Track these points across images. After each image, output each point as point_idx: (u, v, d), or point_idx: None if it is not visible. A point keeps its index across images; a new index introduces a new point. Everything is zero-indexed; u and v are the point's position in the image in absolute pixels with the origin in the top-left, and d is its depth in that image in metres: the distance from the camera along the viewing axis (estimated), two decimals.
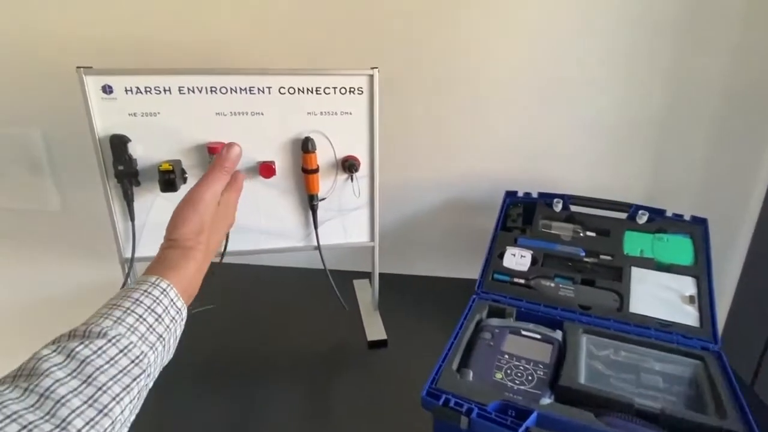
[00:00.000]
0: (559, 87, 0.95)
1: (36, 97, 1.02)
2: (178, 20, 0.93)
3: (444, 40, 0.92)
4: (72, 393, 0.34)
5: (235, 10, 0.92)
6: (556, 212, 0.91)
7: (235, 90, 0.72)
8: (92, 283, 1.19)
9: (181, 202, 0.58)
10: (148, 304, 0.44)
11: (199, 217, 0.56)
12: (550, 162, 1.00)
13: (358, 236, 0.85)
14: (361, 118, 0.77)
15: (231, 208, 0.66)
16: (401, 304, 0.95)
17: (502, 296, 0.79)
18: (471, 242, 1.07)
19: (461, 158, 1.01)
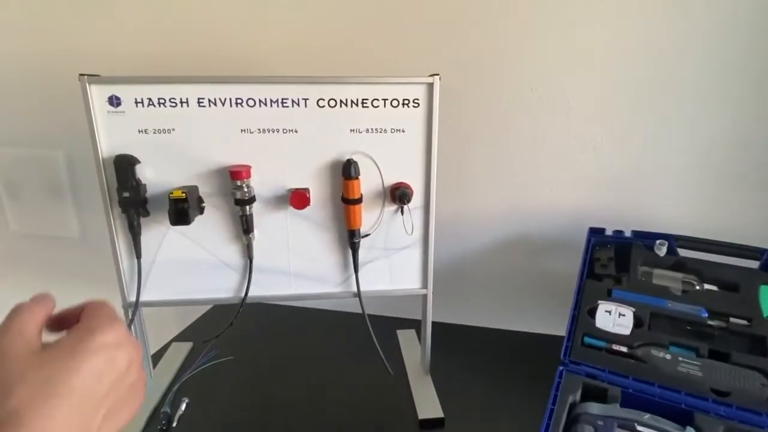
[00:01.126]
0: (659, 105, 0.77)
1: (61, 118, 0.95)
2: (207, 30, 0.83)
3: (517, 46, 0.77)
4: None
5: (262, 13, 0.81)
6: (659, 257, 0.71)
7: (264, 102, 0.59)
8: None
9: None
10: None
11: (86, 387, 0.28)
12: (644, 194, 0.82)
13: (407, 281, 0.69)
14: (416, 136, 0.63)
15: (142, 380, 0.34)
16: (457, 365, 0.77)
17: (598, 369, 0.60)
18: (541, 289, 0.89)
19: (531, 187, 0.84)
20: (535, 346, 0.81)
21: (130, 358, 0.31)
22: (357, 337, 0.72)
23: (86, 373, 0.28)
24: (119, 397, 0.31)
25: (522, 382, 0.72)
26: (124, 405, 0.32)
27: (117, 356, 0.30)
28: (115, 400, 0.30)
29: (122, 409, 0.32)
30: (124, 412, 0.32)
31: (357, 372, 0.76)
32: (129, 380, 0.32)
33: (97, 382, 0.29)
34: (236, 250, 0.65)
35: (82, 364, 0.28)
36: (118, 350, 0.30)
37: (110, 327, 0.31)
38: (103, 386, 0.29)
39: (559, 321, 0.81)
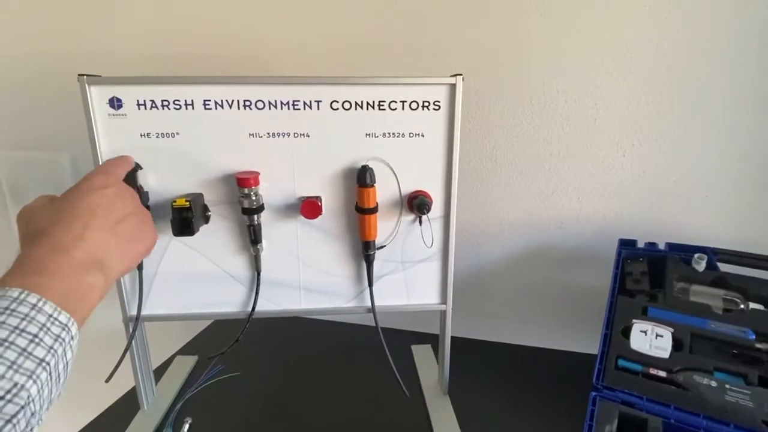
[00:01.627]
0: (695, 109, 0.72)
1: (66, 120, 0.92)
2: (214, 29, 0.79)
3: (543, 45, 0.73)
4: None
5: (272, 10, 0.77)
6: (697, 272, 0.66)
7: (274, 104, 0.55)
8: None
9: (47, 197, 0.43)
10: (14, 324, 0.32)
11: (94, 210, 0.41)
12: (679, 203, 0.76)
13: (424, 296, 0.65)
14: (437, 141, 0.58)
15: (145, 218, 0.48)
16: (476, 384, 0.72)
17: (635, 396, 0.55)
18: (566, 304, 0.84)
19: (555, 194, 0.79)
20: (561, 364, 0.76)
21: (120, 196, 0.44)
22: (370, 351, 0.67)
23: (86, 204, 0.40)
24: (128, 223, 0.43)
25: (548, 404, 0.67)
26: (134, 236, 0.44)
27: (106, 193, 0.42)
28: (124, 225, 0.42)
29: (134, 239, 0.44)
30: (137, 242, 0.45)
31: (370, 391, 0.71)
32: (128, 211, 0.44)
33: (97, 208, 0.40)
34: (243, 262, 0.61)
35: (80, 200, 0.40)
36: (106, 189, 0.43)
37: (98, 175, 0.44)
38: (103, 212, 0.41)
39: (586, 338, 0.76)
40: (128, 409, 0.65)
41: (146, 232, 0.47)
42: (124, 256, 0.42)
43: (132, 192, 0.46)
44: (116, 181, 0.45)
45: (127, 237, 0.42)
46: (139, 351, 0.63)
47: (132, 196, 0.46)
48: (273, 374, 0.76)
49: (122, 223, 0.42)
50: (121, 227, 0.42)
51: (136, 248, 0.44)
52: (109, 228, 0.41)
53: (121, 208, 0.43)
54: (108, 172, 0.46)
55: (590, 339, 0.74)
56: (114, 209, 0.42)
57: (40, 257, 0.36)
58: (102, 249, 0.39)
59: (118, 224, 0.42)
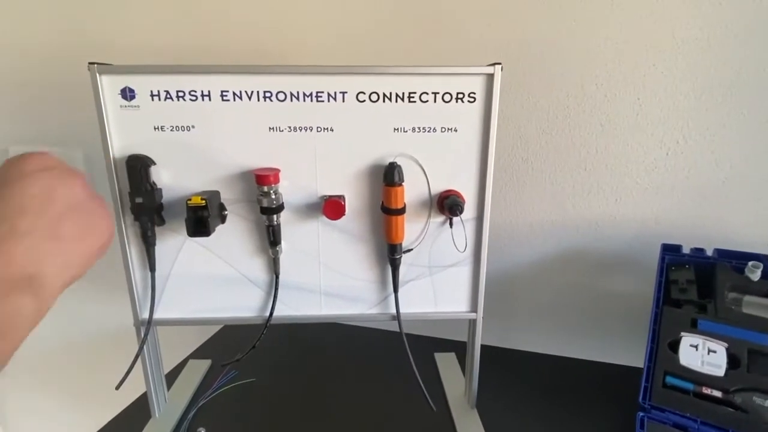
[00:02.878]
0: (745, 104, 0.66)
1: (81, 114, 0.90)
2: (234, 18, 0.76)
3: (582, 36, 0.68)
4: None
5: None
6: (751, 281, 0.61)
7: (296, 96, 0.51)
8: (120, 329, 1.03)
9: None
10: None
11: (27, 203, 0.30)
12: (727, 206, 0.70)
13: (453, 304, 0.61)
14: (471, 137, 0.54)
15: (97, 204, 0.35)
16: (505, 396, 0.68)
17: (689, 419, 0.50)
18: (604, 312, 0.79)
19: (593, 195, 0.74)
20: (599, 377, 0.71)
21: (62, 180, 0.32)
22: (392, 357, 0.64)
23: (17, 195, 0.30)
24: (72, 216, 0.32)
25: (586, 422, 0.62)
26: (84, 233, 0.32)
27: (43, 177, 0.31)
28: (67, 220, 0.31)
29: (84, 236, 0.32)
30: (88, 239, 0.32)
31: (392, 401, 0.67)
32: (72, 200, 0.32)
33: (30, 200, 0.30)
34: (261, 265, 0.57)
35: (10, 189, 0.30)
36: (44, 171, 0.31)
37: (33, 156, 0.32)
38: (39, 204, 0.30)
39: (626, 350, 0.72)
40: (139, 417, 0.62)
41: (101, 223, 0.34)
42: (70, 262, 0.32)
43: (78, 173, 0.35)
44: (56, 161, 0.34)
45: (74, 235, 0.32)
46: (150, 356, 0.60)
47: (78, 177, 0.34)
48: (289, 381, 0.72)
49: (66, 218, 0.32)
50: (64, 224, 0.31)
51: (87, 248, 0.33)
52: (47, 227, 0.30)
53: (64, 196, 0.32)
54: (44, 153, 0.34)
55: (631, 351, 0.70)
56: (54, 199, 0.31)
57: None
58: (33, 261, 0.29)
59: (60, 220, 0.31)
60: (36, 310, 0.29)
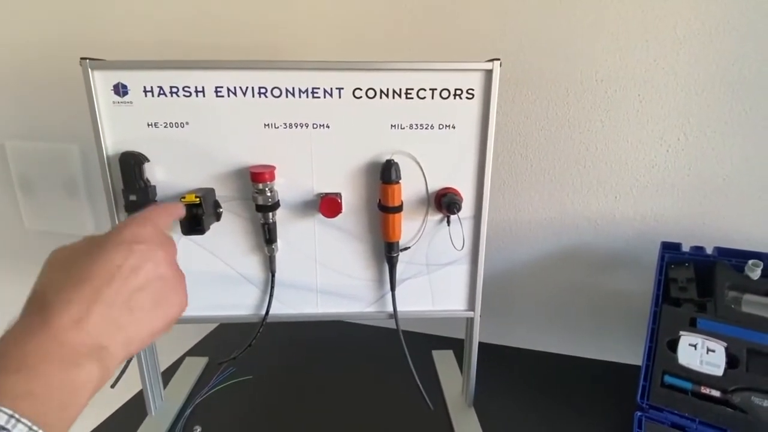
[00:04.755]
0: (748, 100, 0.65)
1: (76, 109, 0.89)
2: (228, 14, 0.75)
3: (582, 29, 0.67)
4: None
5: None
6: (751, 280, 0.60)
7: (291, 92, 0.51)
8: None
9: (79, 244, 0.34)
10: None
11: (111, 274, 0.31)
12: (728, 204, 0.70)
13: (451, 302, 0.60)
14: (469, 133, 0.53)
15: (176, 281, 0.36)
16: (503, 395, 0.68)
17: (687, 419, 0.50)
18: (602, 310, 0.79)
19: (592, 192, 0.74)
20: (597, 375, 0.71)
21: (151, 255, 0.33)
22: (389, 355, 0.63)
23: (106, 263, 0.31)
24: (150, 291, 0.33)
25: (583, 420, 0.62)
26: (155, 307, 0.33)
27: (134, 250, 0.32)
28: (145, 294, 0.32)
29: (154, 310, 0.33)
30: (157, 314, 0.33)
31: (389, 399, 0.67)
32: (155, 275, 0.33)
33: (117, 271, 0.31)
34: (257, 263, 0.57)
35: (101, 256, 0.31)
36: (136, 245, 0.33)
37: (132, 225, 0.34)
38: (124, 276, 0.31)
39: (625, 348, 0.71)
40: (135, 415, 0.62)
41: (173, 300, 0.35)
42: (134, 337, 0.32)
43: (168, 248, 0.36)
44: (152, 234, 0.35)
45: (146, 310, 0.33)
46: (146, 354, 0.59)
47: (166, 254, 0.35)
48: (286, 378, 0.72)
49: (143, 291, 0.32)
50: (139, 296, 0.32)
51: (154, 324, 0.34)
52: (124, 300, 0.31)
53: (148, 271, 0.33)
54: (146, 221, 0.36)
55: (629, 349, 0.69)
56: (138, 273, 0.32)
57: (25, 341, 0.28)
58: (107, 331, 0.30)
59: (137, 292, 0.32)
60: (99, 380, 0.30)
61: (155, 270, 0.33)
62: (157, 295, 0.33)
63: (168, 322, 0.35)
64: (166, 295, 0.34)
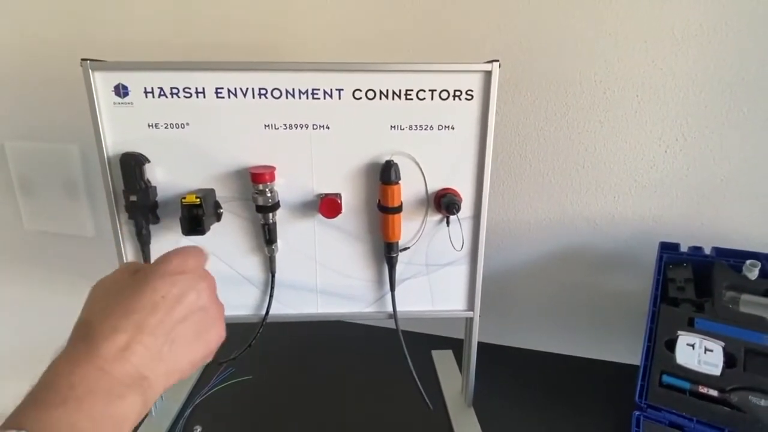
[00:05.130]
0: (746, 101, 0.65)
1: (75, 109, 0.89)
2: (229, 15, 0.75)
3: (580, 29, 0.67)
4: None
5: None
6: (749, 280, 0.60)
7: (292, 93, 0.51)
8: None
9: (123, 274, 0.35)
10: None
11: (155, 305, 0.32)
12: (726, 205, 0.70)
13: (450, 302, 0.60)
14: (469, 135, 0.53)
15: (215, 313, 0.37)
16: (502, 395, 0.68)
17: (685, 418, 0.50)
18: (602, 310, 0.79)
19: (591, 193, 0.74)
20: (597, 375, 0.71)
21: (193, 285, 0.34)
22: (390, 355, 0.63)
23: (150, 293, 0.32)
24: (192, 322, 0.33)
25: (582, 420, 0.62)
26: (196, 338, 0.34)
27: (178, 281, 0.33)
28: (187, 324, 0.33)
29: (194, 342, 0.33)
30: (196, 347, 0.34)
31: (388, 399, 0.67)
32: (197, 305, 0.34)
33: (161, 301, 0.32)
34: (257, 263, 0.57)
35: (146, 286, 0.32)
36: (180, 275, 0.34)
37: (175, 257, 0.35)
38: (168, 306, 0.32)
39: (624, 348, 0.71)
40: None
41: (212, 332, 0.36)
42: (175, 369, 0.32)
43: (209, 281, 0.36)
44: (194, 266, 0.36)
45: (186, 342, 0.33)
46: None
47: (208, 286, 0.36)
48: (286, 378, 0.72)
49: (186, 322, 0.33)
50: (182, 328, 0.33)
51: (194, 355, 0.34)
52: (166, 333, 0.32)
53: (191, 302, 0.34)
54: (187, 255, 0.36)
55: (628, 349, 0.69)
56: (181, 303, 0.33)
57: (71, 370, 0.28)
58: (150, 362, 0.30)
59: (179, 324, 0.32)
60: (140, 413, 0.30)
61: (197, 301, 0.34)
62: (198, 326, 0.34)
63: (207, 354, 0.35)
64: (207, 326, 0.35)
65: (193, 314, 0.33)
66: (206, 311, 0.35)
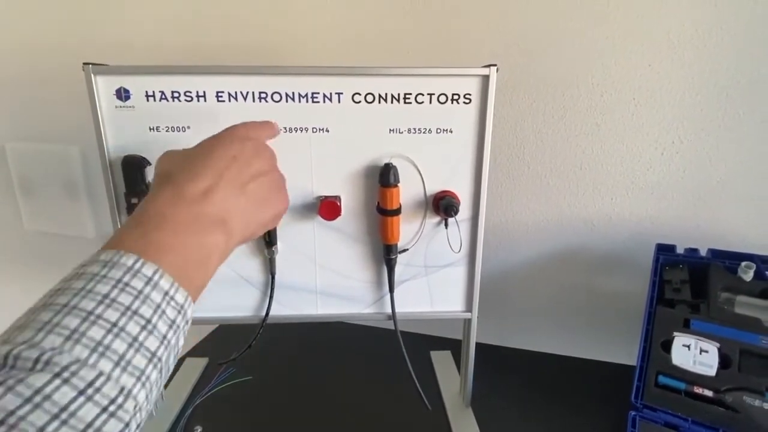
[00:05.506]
0: (743, 104, 0.66)
1: (76, 111, 0.89)
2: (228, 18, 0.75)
3: (577, 32, 0.68)
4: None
5: None
6: (744, 282, 0.61)
7: (291, 96, 0.51)
8: None
9: (202, 144, 0.37)
10: (126, 303, 0.26)
11: (230, 161, 0.35)
12: (722, 207, 0.71)
13: (448, 303, 0.61)
14: (467, 138, 0.54)
15: (280, 180, 0.40)
16: (500, 395, 0.68)
17: (680, 418, 0.51)
18: (599, 311, 0.80)
19: (588, 195, 0.74)
20: (593, 375, 0.72)
21: (260, 152, 0.38)
22: (389, 356, 0.64)
23: (224, 151, 0.35)
24: (261, 183, 0.36)
25: (579, 420, 0.63)
26: (265, 200, 0.37)
27: (246, 146, 0.36)
28: (257, 184, 0.36)
29: (264, 203, 0.37)
30: (267, 207, 0.37)
31: (387, 399, 0.67)
32: (264, 169, 0.37)
33: (233, 159, 0.35)
34: (257, 265, 0.58)
35: (219, 146, 0.36)
36: (248, 140, 0.37)
37: (242, 126, 0.39)
38: (241, 163, 0.35)
39: (621, 348, 0.72)
40: None
41: (279, 196, 0.39)
42: (250, 221, 0.36)
43: (271, 151, 0.40)
44: (258, 134, 0.40)
45: (258, 199, 0.36)
46: None
47: (272, 155, 0.39)
48: (285, 379, 0.72)
49: (255, 183, 0.36)
50: (253, 187, 0.36)
51: (264, 214, 0.37)
52: (241, 185, 0.35)
53: (258, 165, 0.37)
54: (251, 126, 0.40)
55: (624, 349, 0.70)
56: (251, 164, 0.36)
57: (161, 207, 0.31)
58: (229, 207, 0.33)
59: (250, 182, 0.36)
60: (224, 251, 0.33)
61: (263, 164, 0.37)
62: (266, 188, 0.37)
63: (275, 216, 0.39)
64: (274, 191, 0.38)
65: (262, 176, 0.37)
66: (272, 177, 0.38)
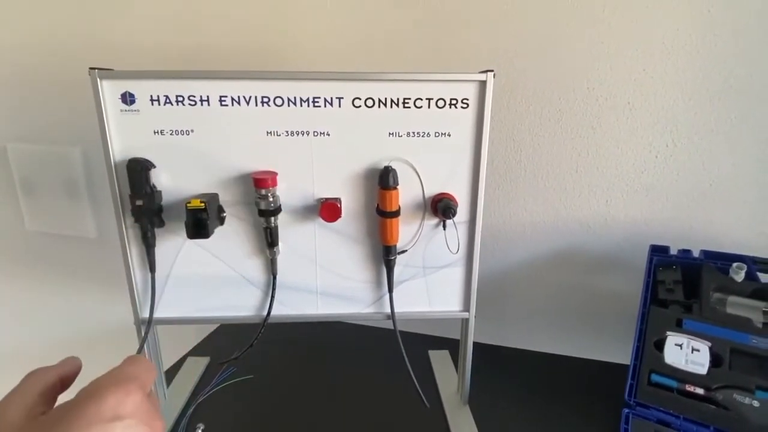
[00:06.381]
0: (735, 108, 0.67)
1: (78, 112, 0.90)
2: (232, 22, 0.76)
3: (574, 38, 0.69)
4: None
5: (292, 2, 0.74)
6: (735, 282, 0.62)
7: (293, 101, 0.53)
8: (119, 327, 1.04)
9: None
10: None
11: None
12: (715, 209, 0.72)
13: (446, 303, 0.62)
14: (464, 141, 0.55)
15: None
16: (497, 394, 0.69)
17: (672, 415, 0.52)
18: (594, 311, 0.81)
19: (584, 197, 0.76)
20: (588, 374, 0.73)
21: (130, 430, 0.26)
22: (388, 355, 0.65)
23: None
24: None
25: (574, 417, 0.64)
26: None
27: (114, 429, 0.25)
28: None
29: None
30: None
31: (386, 397, 0.68)
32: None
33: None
34: (259, 265, 0.59)
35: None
36: (114, 422, 0.25)
37: (114, 394, 0.26)
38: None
39: (615, 348, 0.73)
40: None
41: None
42: None
43: (157, 420, 0.29)
44: (133, 407, 0.27)
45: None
46: (150, 355, 0.61)
47: (152, 428, 0.28)
48: (286, 378, 0.73)
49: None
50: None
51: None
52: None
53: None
54: (127, 390, 0.27)
55: (619, 348, 0.71)
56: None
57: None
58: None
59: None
60: None
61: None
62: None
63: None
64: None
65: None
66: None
